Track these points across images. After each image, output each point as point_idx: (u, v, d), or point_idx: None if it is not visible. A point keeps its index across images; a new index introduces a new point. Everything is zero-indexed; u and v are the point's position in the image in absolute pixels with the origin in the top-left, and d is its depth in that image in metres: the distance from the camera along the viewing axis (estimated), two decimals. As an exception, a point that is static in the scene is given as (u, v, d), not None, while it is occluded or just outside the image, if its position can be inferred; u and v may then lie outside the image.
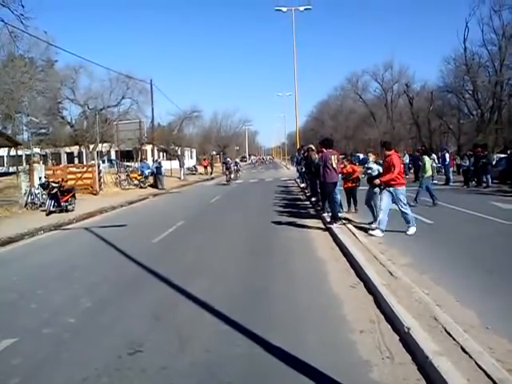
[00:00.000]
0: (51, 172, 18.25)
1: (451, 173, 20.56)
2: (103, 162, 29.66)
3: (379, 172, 8.32)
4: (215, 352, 3.40)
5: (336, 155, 8.98)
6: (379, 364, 3.09)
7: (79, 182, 18.34)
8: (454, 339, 3.16)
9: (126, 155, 35.55)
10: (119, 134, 26.17)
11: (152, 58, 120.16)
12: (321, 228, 9.07)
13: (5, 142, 19.73)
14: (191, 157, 58.73)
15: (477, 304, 4.06)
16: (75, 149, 42.04)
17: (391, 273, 5.00)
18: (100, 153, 36.85)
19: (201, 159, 50.98)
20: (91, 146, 37.61)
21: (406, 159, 26.96)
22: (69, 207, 13.05)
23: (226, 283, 5.37)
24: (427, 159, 12.41)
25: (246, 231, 9.36)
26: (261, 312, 4.29)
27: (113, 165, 31.70)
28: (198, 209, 14.19)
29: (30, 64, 27.04)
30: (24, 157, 28.70)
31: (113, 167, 29.75)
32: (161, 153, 42.14)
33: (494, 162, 19.17)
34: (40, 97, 29.57)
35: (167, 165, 32.56)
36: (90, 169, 19.40)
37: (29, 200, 13.83)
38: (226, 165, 26.96)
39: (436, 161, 22.74)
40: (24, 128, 30.47)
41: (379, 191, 8.19)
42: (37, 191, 14.01)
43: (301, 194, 17.17)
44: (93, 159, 27.73)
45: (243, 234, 8.97)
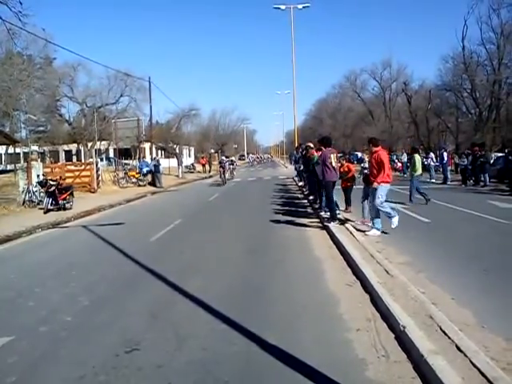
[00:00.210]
0: (49, 170, 18.19)
1: (449, 172, 20.58)
2: (101, 160, 29.60)
3: None
4: (212, 350, 3.41)
5: (335, 154, 9.00)
6: (375, 362, 3.11)
7: (77, 180, 18.33)
8: (450, 338, 3.17)
9: (124, 153, 35.41)
10: (117, 132, 26.16)
11: (150, 56, 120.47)
12: (318, 226, 9.09)
13: (3, 140, 19.73)
14: (189, 155, 58.61)
15: (473, 303, 4.08)
16: (73, 147, 41.95)
17: (388, 271, 5.03)
18: (98, 151, 36.74)
19: (199, 157, 50.92)
20: (89, 144, 37.53)
21: (404, 158, 27.00)
22: (67, 205, 13.05)
23: (224, 281, 5.38)
24: (417, 157, 12.41)
25: (244, 229, 9.37)
26: (258, 310, 4.30)
27: (111, 163, 31.65)
28: (196, 207, 14.20)
29: (28, 61, 26.93)
30: (22, 155, 28.68)
31: (111, 165, 29.70)
32: (159, 151, 42.10)
33: (492, 161, 19.18)
34: (38, 94, 29.42)
35: (165, 163, 32.51)
36: (88, 167, 19.41)
37: (27, 198, 13.82)
38: (221, 164, 25.36)
39: (434, 159, 22.83)
40: (22, 126, 30.39)
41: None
42: (35, 189, 14.00)
43: (299, 193, 17.19)
44: (91, 157, 27.63)
45: (241, 233, 8.99)
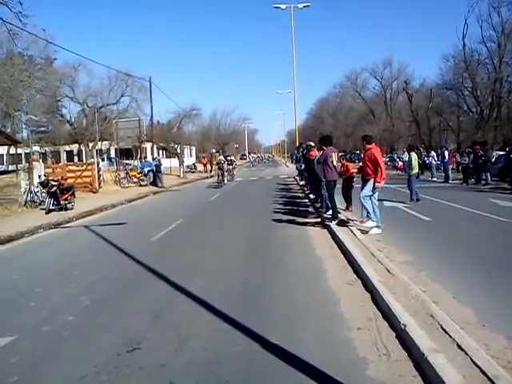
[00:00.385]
0: (51, 170, 18.27)
1: (450, 170, 20.53)
2: (103, 160, 29.64)
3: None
4: (214, 350, 3.41)
5: (336, 153, 9.00)
6: (376, 361, 3.11)
7: (79, 180, 18.38)
8: (450, 336, 3.17)
9: (126, 153, 35.49)
10: (118, 132, 26.20)
11: (151, 56, 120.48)
12: (320, 225, 9.09)
13: (4, 141, 19.72)
14: (191, 155, 58.67)
15: (474, 301, 4.08)
16: (75, 147, 42.03)
17: (389, 270, 5.03)
18: (99, 151, 36.86)
19: (200, 157, 50.95)
20: (90, 144, 37.62)
21: (405, 157, 26.94)
22: (68, 205, 13.08)
23: (225, 281, 5.38)
24: (414, 156, 12.38)
25: (245, 229, 9.38)
26: (259, 310, 4.30)
27: (112, 163, 31.72)
28: (198, 207, 14.21)
29: (29, 62, 26.94)
30: (23, 155, 28.68)
31: (112, 165, 29.77)
32: (160, 151, 42.15)
33: (493, 160, 19.13)
34: (39, 95, 29.52)
35: (167, 163, 32.53)
36: (90, 167, 19.44)
37: (28, 198, 13.86)
38: (219, 164, 23.53)
39: (435, 158, 22.78)
40: (23, 126, 30.37)
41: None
42: (36, 189, 14.04)
43: (300, 192, 17.18)
44: (92, 157, 27.66)
45: (242, 232, 8.99)
